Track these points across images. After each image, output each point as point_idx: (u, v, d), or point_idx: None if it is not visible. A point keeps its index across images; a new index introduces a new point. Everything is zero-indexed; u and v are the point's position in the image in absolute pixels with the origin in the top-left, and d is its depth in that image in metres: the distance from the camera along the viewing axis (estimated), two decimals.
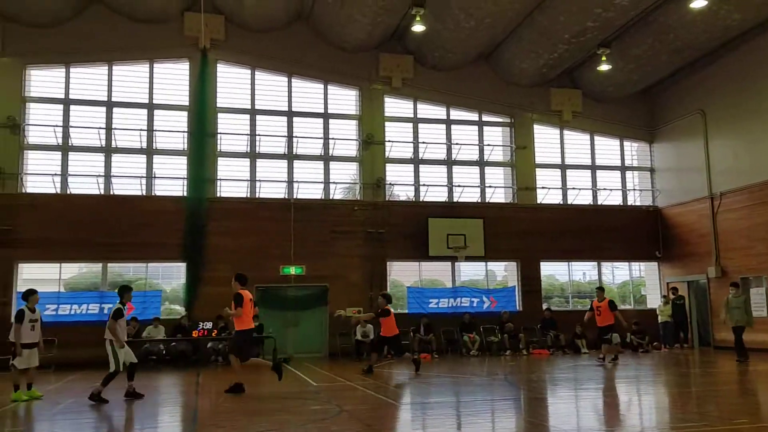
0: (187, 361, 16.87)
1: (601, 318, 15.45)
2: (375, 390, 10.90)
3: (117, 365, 10.12)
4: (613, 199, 22.20)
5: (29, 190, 17.67)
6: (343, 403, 9.31)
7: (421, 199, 20.41)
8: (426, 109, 21.00)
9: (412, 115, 20.84)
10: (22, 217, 17.20)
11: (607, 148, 22.58)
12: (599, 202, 22.00)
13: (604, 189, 22.12)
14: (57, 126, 18.01)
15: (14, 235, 17.03)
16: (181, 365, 16.57)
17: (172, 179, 18.71)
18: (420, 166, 20.68)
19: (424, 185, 20.49)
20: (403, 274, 20.64)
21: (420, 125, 20.87)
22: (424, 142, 20.70)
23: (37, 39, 17.68)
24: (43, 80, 18.34)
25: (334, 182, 20.02)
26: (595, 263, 21.84)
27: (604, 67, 19.82)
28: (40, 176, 17.84)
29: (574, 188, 21.77)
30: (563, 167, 21.93)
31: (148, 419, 8.90)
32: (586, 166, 22.19)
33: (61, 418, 8.95)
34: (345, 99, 20.44)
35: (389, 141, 20.33)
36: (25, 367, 10.53)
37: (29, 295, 10.85)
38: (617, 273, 22.99)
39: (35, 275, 18.33)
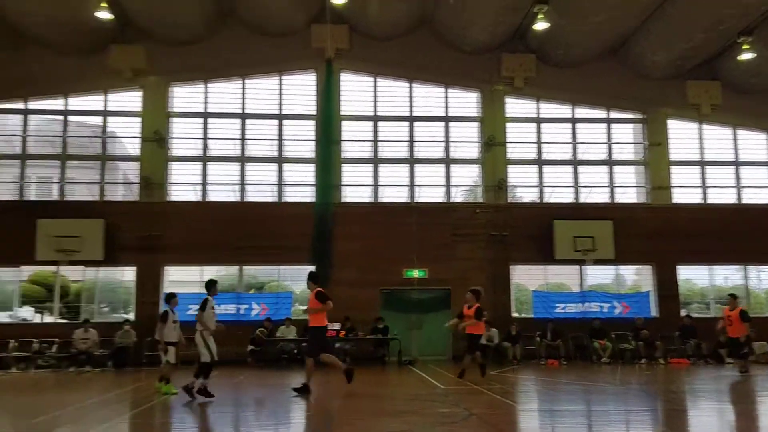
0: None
1: (733, 329, 14.17)
2: (502, 394, 10.75)
3: (211, 355, 10.53)
4: (761, 196, 20.45)
5: (174, 199, 19.14)
6: (471, 406, 9.27)
7: (544, 201, 19.89)
8: (549, 109, 20.45)
9: (534, 115, 20.38)
10: (169, 223, 18.65)
11: (753, 143, 20.85)
12: (744, 201, 20.34)
13: (749, 186, 20.44)
14: (197, 138, 19.38)
15: (162, 241, 18.51)
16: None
17: (301, 186, 19.52)
18: (543, 166, 20.17)
19: (548, 186, 19.95)
20: (527, 277, 20.20)
21: (543, 125, 20.36)
22: (547, 142, 20.17)
23: (179, 58, 19.15)
24: (184, 96, 19.81)
25: (455, 185, 20.01)
26: (739, 267, 20.20)
27: (746, 56, 18.33)
28: (183, 185, 19.27)
29: (714, 186, 20.29)
30: (702, 164, 20.52)
31: (282, 416, 9.33)
32: (729, 162, 20.62)
33: (201, 413, 9.60)
34: (466, 101, 20.38)
35: (511, 142, 20.01)
36: (174, 362, 11.40)
37: (170, 298, 11.79)
38: (764, 277, 21.12)
39: (179, 277, 19.84)
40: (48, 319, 19.35)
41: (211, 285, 11.08)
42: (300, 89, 19.97)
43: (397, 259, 18.84)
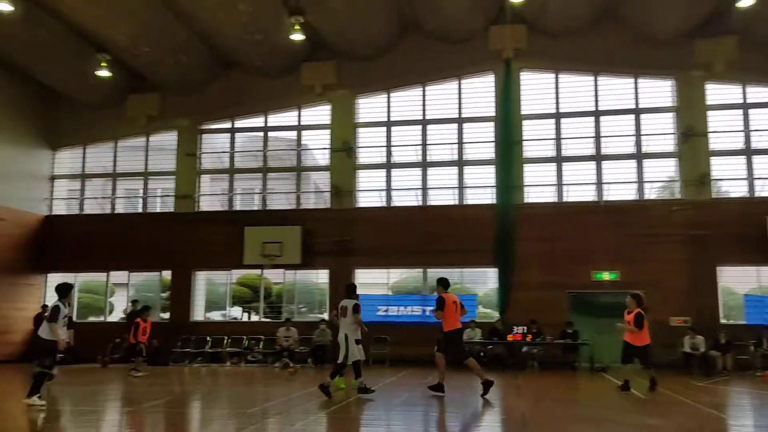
0: (504, 364, 17.31)
1: None
2: (711, 407, 9.82)
3: (346, 357, 10.76)
4: None
5: (361, 205, 20.08)
6: (680, 418, 8.58)
7: (755, 195, 17.88)
8: (758, 93, 18.34)
9: (740, 101, 18.41)
10: (358, 228, 19.61)
11: None
12: None
13: None
14: (381, 146, 20.17)
15: (352, 245, 19.50)
16: (498, 368, 17.06)
17: (481, 188, 19.49)
18: (753, 157, 18.14)
19: (759, 179, 17.90)
20: (736, 280, 18.26)
21: (751, 111, 18.32)
22: (757, 130, 18.11)
23: (364, 71, 20.09)
24: (369, 107, 20.72)
25: (648, 181, 18.71)
26: None
27: None
28: (369, 192, 20.16)
29: None
30: None
31: (475, 418, 9.34)
32: None
33: (397, 411, 9.93)
34: (658, 91, 19.00)
35: (713, 132, 18.26)
36: (357, 359, 12.00)
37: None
38: None
39: (368, 279, 20.77)
40: (254, 317, 21.28)
41: (353, 289, 11.44)
42: (479, 92, 19.94)
43: (585, 261, 18.04)
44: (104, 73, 18.88)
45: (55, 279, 21.01)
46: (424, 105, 20.18)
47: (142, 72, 20.13)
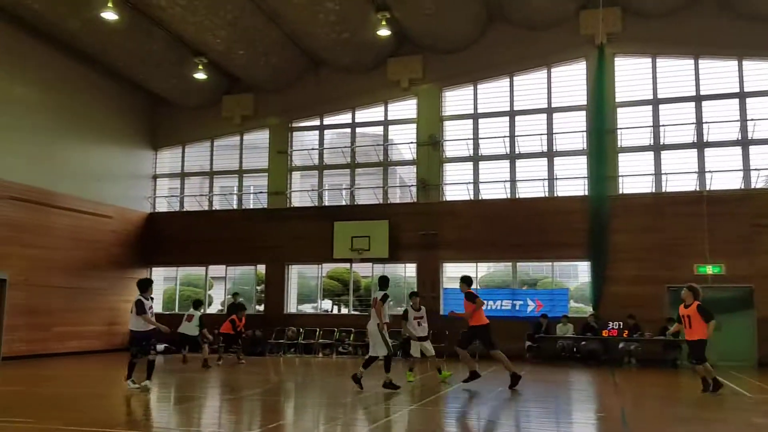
0: (598, 360, 16.78)
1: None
2: None
3: (388, 348, 10.75)
4: None
5: (448, 199, 19.99)
6: None
7: None
8: None
9: None
10: (444, 222, 19.56)
11: None
12: None
13: None
14: (468, 139, 19.99)
15: (439, 239, 19.47)
16: (592, 364, 16.56)
17: (572, 179, 18.93)
18: None
19: None
20: None
21: None
22: None
23: (450, 63, 19.97)
24: (455, 99, 20.58)
25: (755, 169, 17.56)
26: None
27: None
28: (456, 185, 20.04)
29: None
30: None
31: (571, 415, 9.11)
32: None
33: (487, 405, 9.84)
34: (765, 73, 17.76)
35: None
36: (417, 355, 12.21)
37: (412, 296, 13.09)
38: None
39: (456, 273, 20.64)
40: (344, 310, 21.67)
41: (385, 282, 11.43)
42: (569, 80, 19.35)
43: (685, 254, 17.15)
44: (201, 75, 19.79)
45: (158, 273, 22.31)
46: (511, 96, 19.81)
47: (236, 74, 20.92)
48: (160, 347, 16.34)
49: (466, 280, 11.79)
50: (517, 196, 19.38)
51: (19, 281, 16.76)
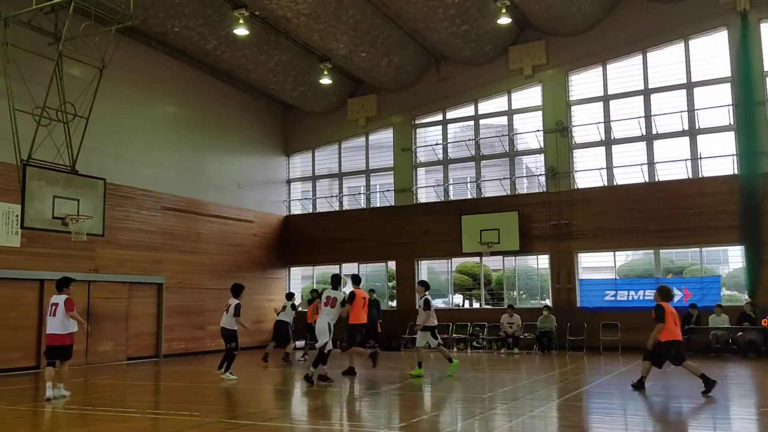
0: (759, 352, 15.45)
1: None
2: None
3: (329, 345, 11.19)
4: None
5: (580, 186, 19.26)
6: None
7: None
8: None
9: None
10: (577, 211, 18.87)
11: None
12: None
13: None
14: (599, 123, 19.12)
15: (572, 228, 18.83)
16: (752, 355, 15.28)
17: (718, 158, 17.56)
18: None
19: None
20: None
21: None
22: None
23: (574, 46, 19.22)
24: (582, 83, 19.76)
25: None
26: None
27: None
28: (588, 172, 19.24)
29: None
30: None
31: (721, 410, 8.48)
32: None
33: (634, 400, 9.37)
34: None
35: None
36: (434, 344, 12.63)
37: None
38: None
39: (592, 263, 19.89)
40: (475, 305, 21.53)
41: (337, 280, 11.93)
42: (709, 52, 17.94)
43: None
44: (326, 81, 20.48)
45: (296, 272, 23.39)
46: (645, 73, 18.69)
47: (359, 76, 21.43)
48: (300, 343, 17.32)
49: (354, 279, 12.99)
50: (656, 179, 18.28)
51: (173, 284, 18.25)
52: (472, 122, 21.39)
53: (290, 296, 16.57)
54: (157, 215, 18.00)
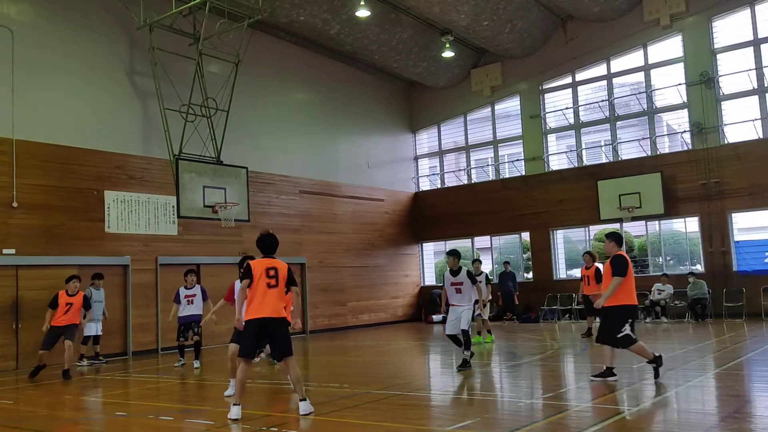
0: None
1: None
2: None
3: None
4: None
5: (730, 141, 17.74)
6: None
7: None
8: None
9: None
10: (728, 167, 17.43)
11: None
12: None
13: None
14: (749, 70, 17.43)
15: (724, 186, 17.43)
16: None
17: None
18: None
19: None
20: None
21: None
22: None
23: None
24: (727, 28, 18.08)
25: None
26: None
27: None
28: (739, 125, 17.66)
29: None
30: None
31: None
32: None
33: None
34: None
35: None
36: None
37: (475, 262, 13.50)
38: None
39: (748, 224, 18.30)
40: None
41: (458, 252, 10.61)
42: None
43: None
44: (449, 54, 20.29)
45: (428, 248, 23.61)
46: None
47: (482, 46, 21.03)
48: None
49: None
50: None
51: (315, 264, 19.08)
52: (604, 82, 20.31)
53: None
54: (296, 199, 18.85)
